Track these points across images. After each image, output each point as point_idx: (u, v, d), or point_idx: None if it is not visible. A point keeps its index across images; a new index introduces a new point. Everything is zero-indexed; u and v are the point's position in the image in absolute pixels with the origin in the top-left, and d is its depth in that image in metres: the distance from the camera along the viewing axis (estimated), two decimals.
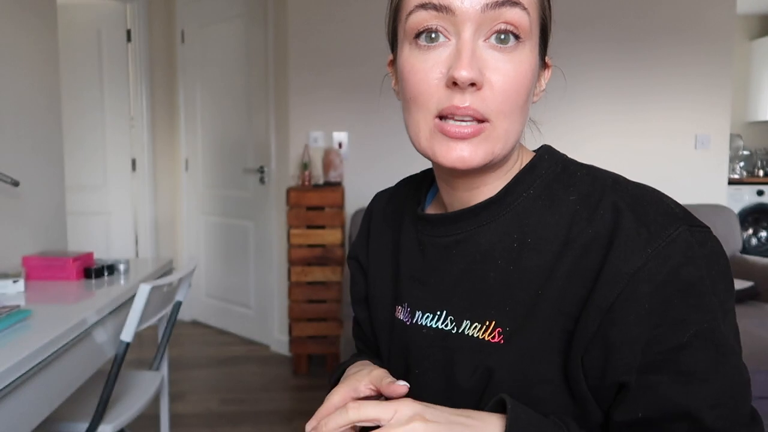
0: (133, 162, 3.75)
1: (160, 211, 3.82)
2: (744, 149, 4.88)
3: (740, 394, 0.50)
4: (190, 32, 3.63)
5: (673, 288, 0.49)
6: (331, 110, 3.07)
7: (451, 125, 0.53)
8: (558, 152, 0.62)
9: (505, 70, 0.52)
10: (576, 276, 0.53)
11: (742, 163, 4.83)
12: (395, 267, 0.69)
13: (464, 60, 0.51)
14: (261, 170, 3.31)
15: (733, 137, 4.71)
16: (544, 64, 0.60)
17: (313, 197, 2.77)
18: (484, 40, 0.52)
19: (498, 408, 0.53)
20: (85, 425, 1.45)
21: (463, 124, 0.53)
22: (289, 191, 2.79)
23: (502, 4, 0.51)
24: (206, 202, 3.70)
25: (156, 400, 1.91)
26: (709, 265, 0.50)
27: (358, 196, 3.06)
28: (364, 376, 0.59)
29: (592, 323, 0.51)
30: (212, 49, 3.53)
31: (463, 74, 0.50)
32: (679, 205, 0.55)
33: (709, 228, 0.53)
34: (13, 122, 1.87)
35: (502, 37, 0.52)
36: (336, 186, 2.90)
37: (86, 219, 3.68)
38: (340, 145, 3.08)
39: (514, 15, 0.52)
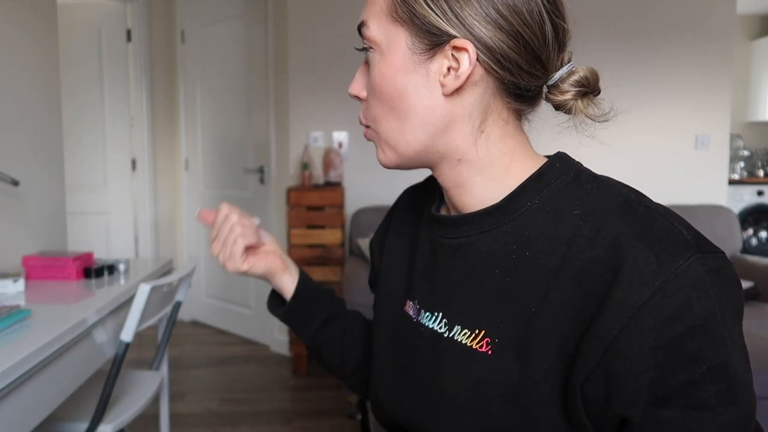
0: (133, 162, 3.75)
1: (160, 211, 3.83)
2: (744, 149, 4.88)
3: (749, 421, 0.50)
4: (190, 32, 3.63)
5: (683, 324, 0.47)
6: (331, 110, 3.07)
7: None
8: (572, 160, 0.60)
9: (368, 82, 0.60)
10: (575, 298, 0.51)
11: (742, 164, 4.83)
12: (411, 263, 0.69)
13: (353, 81, 0.62)
14: (261, 170, 3.31)
15: (733, 137, 4.71)
16: (431, 50, 0.55)
17: (313, 197, 2.77)
18: None
19: None
20: (85, 425, 1.45)
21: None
22: (289, 191, 2.79)
23: (359, 28, 0.59)
24: (206, 202, 3.69)
25: (156, 400, 1.91)
26: (720, 293, 0.49)
27: (358, 196, 3.06)
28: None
29: (594, 354, 0.49)
30: (212, 49, 3.53)
31: (349, 91, 0.62)
32: (692, 229, 0.52)
33: (723, 253, 0.50)
34: (13, 122, 1.87)
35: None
36: (336, 186, 2.90)
37: (86, 219, 3.68)
38: (340, 145, 3.08)
39: (363, 34, 0.59)
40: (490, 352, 0.55)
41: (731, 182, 4.33)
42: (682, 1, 3.16)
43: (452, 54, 0.54)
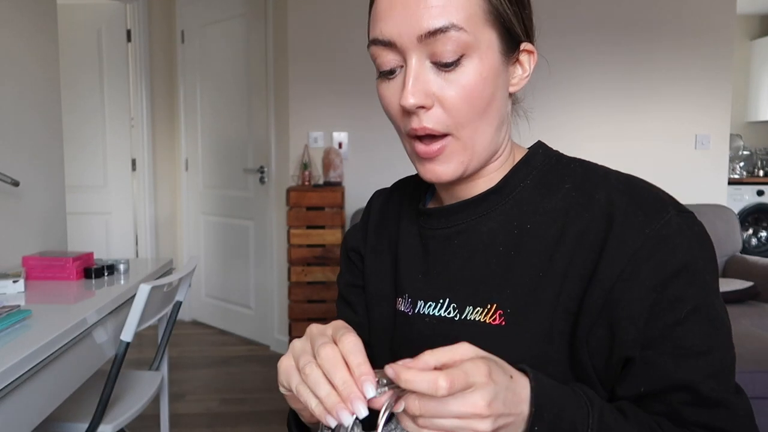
0: (133, 162, 3.75)
1: (160, 211, 3.83)
2: (744, 149, 4.88)
3: (730, 368, 0.54)
4: (190, 32, 3.63)
5: (670, 267, 0.52)
6: (331, 110, 3.07)
7: (421, 147, 0.58)
8: (551, 148, 0.66)
9: (452, 87, 0.55)
10: (577, 258, 0.56)
11: (742, 163, 4.83)
12: (394, 263, 0.70)
13: (408, 89, 0.55)
14: (261, 170, 3.31)
15: (733, 137, 4.71)
16: (513, 52, 0.58)
17: (313, 197, 2.77)
18: (431, 62, 0.55)
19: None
20: (85, 425, 1.45)
21: (431, 143, 0.57)
22: (289, 191, 2.79)
23: (434, 33, 0.53)
24: (206, 202, 3.70)
25: (156, 400, 1.90)
26: (700, 246, 0.54)
27: (358, 196, 3.06)
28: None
29: (596, 303, 0.54)
30: (212, 49, 3.53)
31: (409, 102, 0.54)
32: (665, 191, 0.59)
33: (693, 212, 0.57)
34: (13, 122, 1.87)
35: (443, 62, 0.55)
36: (336, 186, 2.90)
37: (86, 219, 3.68)
38: (340, 145, 3.08)
39: (448, 39, 0.53)
40: (503, 323, 0.58)
41: (731, 182, 4.33)
42: (681, 1, 3.16)
43: (520, 57, 0.59)
